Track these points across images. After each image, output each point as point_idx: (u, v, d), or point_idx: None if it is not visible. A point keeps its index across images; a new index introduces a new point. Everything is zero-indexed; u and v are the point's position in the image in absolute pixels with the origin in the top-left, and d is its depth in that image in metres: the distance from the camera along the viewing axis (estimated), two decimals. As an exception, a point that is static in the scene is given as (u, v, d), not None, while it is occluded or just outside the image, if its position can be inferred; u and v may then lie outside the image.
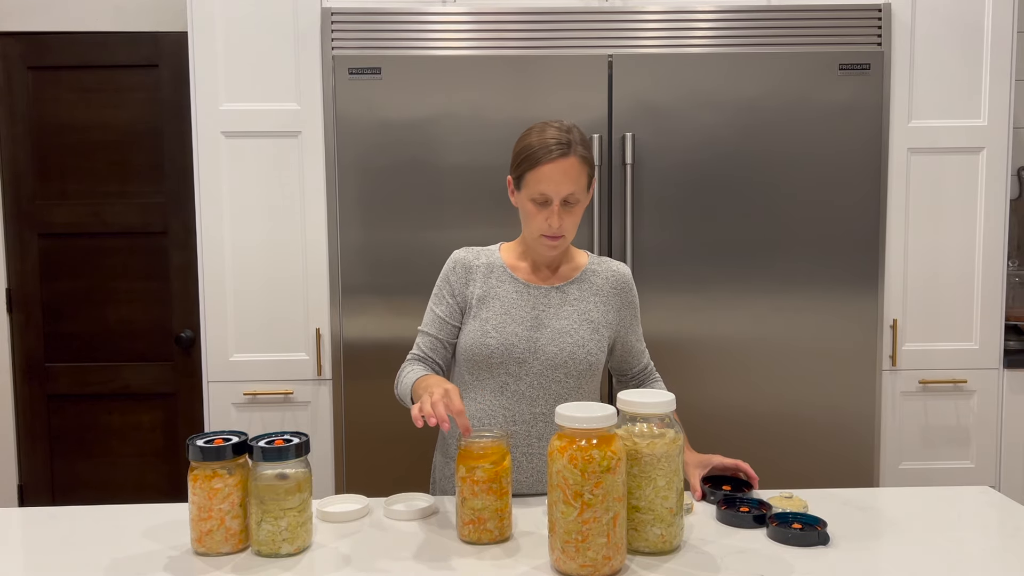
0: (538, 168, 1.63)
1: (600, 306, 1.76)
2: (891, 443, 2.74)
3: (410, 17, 2.57)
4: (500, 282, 1.75)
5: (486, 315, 1.72)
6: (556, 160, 1.62)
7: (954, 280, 2.72)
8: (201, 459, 1.39)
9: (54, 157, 3.08)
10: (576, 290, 1.76)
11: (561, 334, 1.71)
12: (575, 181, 1.64)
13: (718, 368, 2.61)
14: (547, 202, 1.65)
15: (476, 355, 1.71)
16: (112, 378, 3.14)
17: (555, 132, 1.65)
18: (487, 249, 1.81)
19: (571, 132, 1.66)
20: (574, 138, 1.65)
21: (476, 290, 1.75)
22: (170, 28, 3.05)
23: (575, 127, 1.69)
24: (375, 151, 2.54)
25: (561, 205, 1.64)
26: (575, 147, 1.64)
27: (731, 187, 2.57)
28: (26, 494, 3.17)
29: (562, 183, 1.63)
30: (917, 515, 1.56)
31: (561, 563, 1.32)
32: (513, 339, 1.70)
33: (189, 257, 3.08)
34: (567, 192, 1.63)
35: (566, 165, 1.62)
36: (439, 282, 1.80)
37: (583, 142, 1.67)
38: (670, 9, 2.59)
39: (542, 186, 1.63)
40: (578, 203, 1.67)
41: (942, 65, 2.67)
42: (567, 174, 1.63)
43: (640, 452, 1.38)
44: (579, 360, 1.71)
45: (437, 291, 1.79)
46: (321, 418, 2.71)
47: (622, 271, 1.81)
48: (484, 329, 1.71)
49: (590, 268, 1.79)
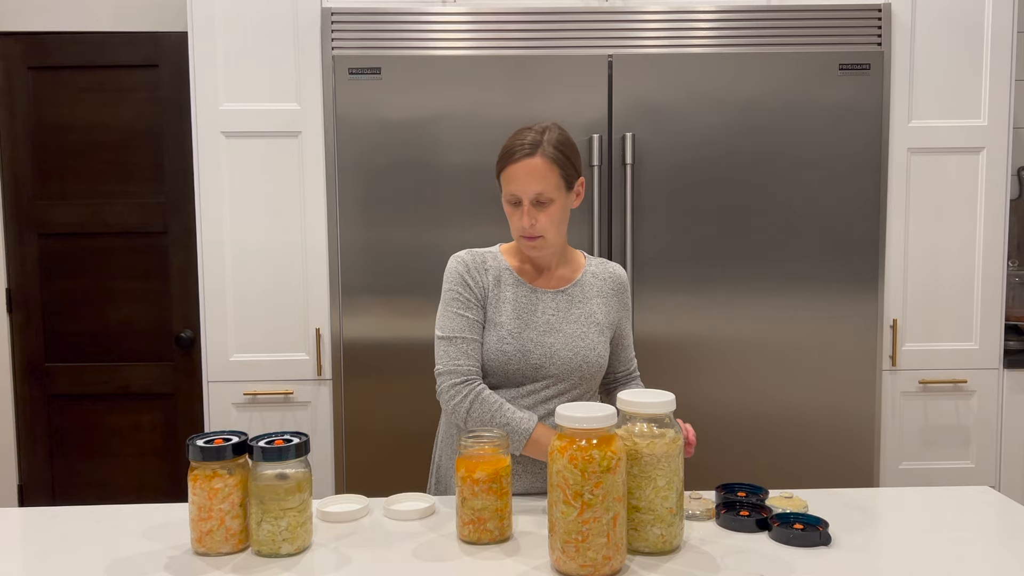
0: (507, 168, 1.67)
1: (603, 307, 1.79)
2: (891, 443, 2.74)
3: (410, 17, 2.57)
4: (509, 286, 1.75)
5: (500, 320, 1.72)
6: (521, 160, 1.65)
7: (954, 280, 2.72)
8: (201, 459, 1.39)
9: (54, 157, 3.08)
10: (580, 292, 1.78)
11: (573, 338, 1.73)
12: (541, 180, 1.64)
13: (718, 368, 2.61)
14: (519, 202, 1.67)
15: (493, 361, 1.71)
16: (112, 378, 3.14)
17: (527, 134, 1.67)
18: (489, 252, 1.80)
19: (545, 133, 1.67)
20: (546, 139, 1.66)
21: (490, 293, 1.74)
22: (170, 28, 3.05)
23: (555, 129, 1.69)
24: (375, 151, 2.54)
25: (533, 205, 1.66)
26: (543, 147, 1.65)
27: (731, 187, 2.57)
28: (26, 494, 3.17)
29: (528, 182, 1.64)
30: (917, 515, 1.56)
31: (561, 563, 1.32)
32: (529, 345, 1.71)
33: (189, 257, 3.08)
34: (534, 192, 1.64)
35: (531, 165, 1.64)
36: (454, 286, 1.72)
37: (559, 143, 1.67)
38: (670, 9, 2.59)
39: (511, 186, 1.67)
40: (551, 202, 1.67)
41: (942, 65, 2.67)
42: (532, 174, 1.64)
43: (640, 452, 1.38)
44: (591, 363, 1.73)
45: (456, 295, 1.72)
46: (321, 418, 2.71)
47: (619, 273, 1.84)
48: (500, 335, 1.71)
49: (590, 270, 1.81)
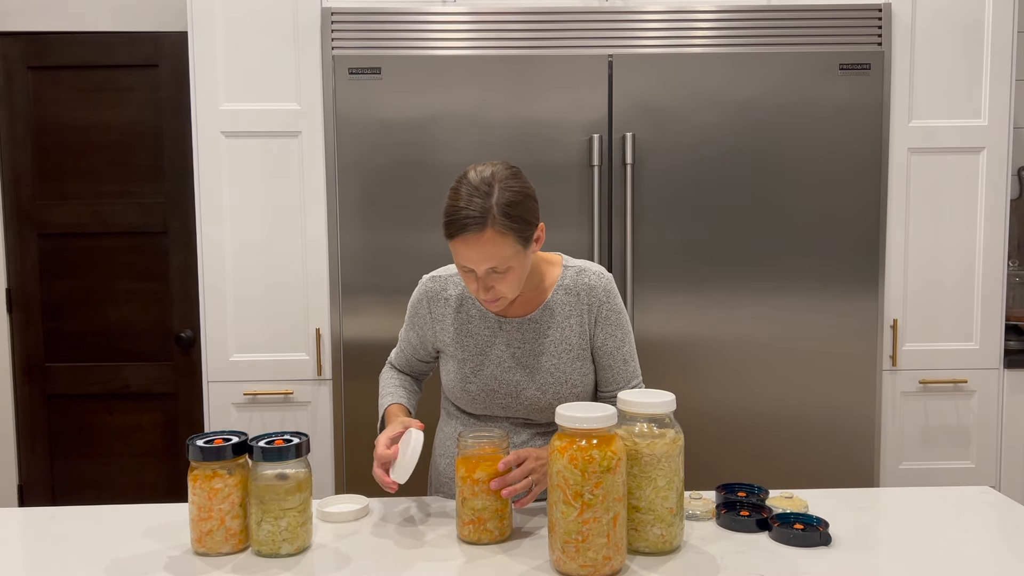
0: (453, 241, 1.47)
1: (577, 327, 1.62)
2: (891, 443, 2.74)
3: (410, 17, 2.56)
4: (471, 318, 1.64)
5: (463, 356, 1.64)
6: (468, 236, 1.44)
7: (954, 280, 2.72)
8: (201, 459, 1.39)
9: (54, 157, 3.08)
10: (549, 317, 1.62)
11: (543, 373, 1.60)
12: (494, 255, 1.45)
13: (718, 368, 2.61)
14: (472, 271, 1.50)
15: (460, 399, 1.67)
16: (112, 378, 3.14)
17: (472, 199, 1.43)
18: (454, 276, 1.67)
19: (493, 194, 1.44)
20: (495, 201, 1.43)
21: (448, 327, 1.65)
22: (170, 28, 3.05)
23: (502, 182, 1.45)
24: (375, 151, 2.54)
25: (487, 274, 1.49)
26: (492, 216, 1.43)
27: (731, 187, 2.57)
28: (26, 494, 3.17)
29: (479, 259, 1.46)
30: (917, 515, 1.56)
31: (561, 563, 1.32)
32: (493, 384, 1.62)
33: (189, 257, 3.08)
34: (487, 267, 1.47)
35: (479, 241, 1.44)
36: (410, 308, 1.70)
37: (509, 204, 1.44)
38: (670, 9, 2.59)
39: (460, 258, 1.49)
40: (509, 269, 1.49)
41: (942, 65, 2.67)
42: (479, 251, 1.45)
43: (640, 452, 1.38)
44: (564, 396, 1.61)
45: (409, 317, 1.72)
46: (321, 418, 2.71)
47: (596, 283, 1.63)
48: (463, 373, 1.63)
49: (562, 285, 1.63)
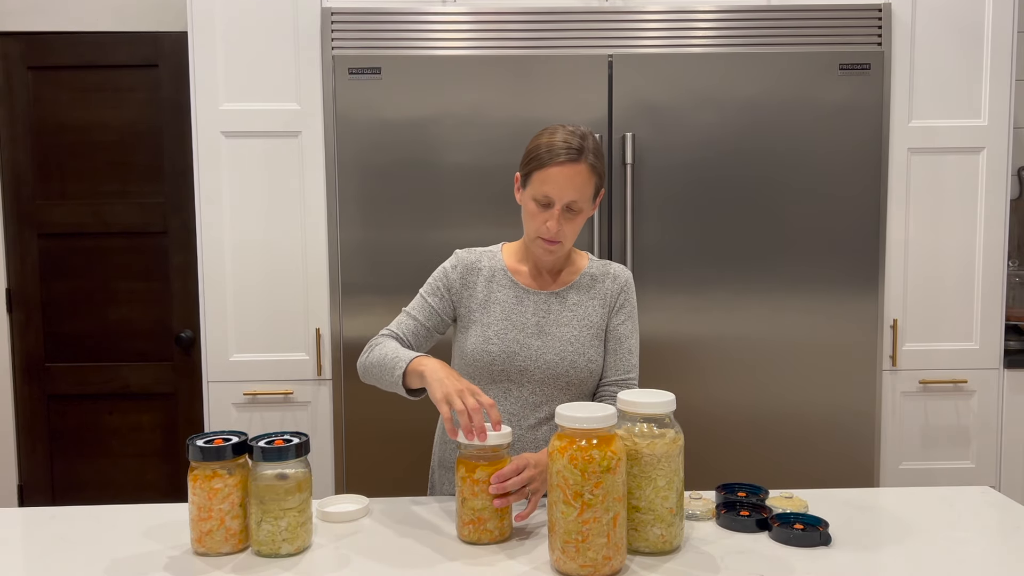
0: (545, 169, 1.60)
1: (599, 310, 1.74)
2: (891, 443, 2.74)
3: (410, 17, 2.56)
4: (501, 287, 1.74)
5: (488, 320, 1.71)
6: (564, 164, 1.59)
7: (954, 280, 2.72)
8: (201, 459, 1.39)
9: (54, 157, 3.08)
10: (575, 295, 1.73)
11: (562, 342, 1.69)
12: (580, 189, 1.61)
13: (718, 368, 2.61)
14: (549, 204, 1.62)
15: (478, 361, 1.70)
16: (112, 378, 3.14)
17: (569, 136, 1.61)
18: (489, 250, 1.80)
19: (585, 139, 1.63)
20: (587, 145, 1.62)
21: (478, 295, 1.74)
22: (170, 28, 3.05)
23: (591, 135, 1.65)
24: (375, 151, 2.54)
25: (563, 211, 1.62)
26: (587, 154, 1.61)
27: (731, 187, 2.57)
28: (26, 494, 3.17)
29: (566, 188, 1.60)
30: (917, 515, 1.56)
31: (561, 563, 1.31)
32: (515, 347, 1.69)
33: (189, 257, 3.08)
34: (570, 198, 1.61)
35: (573, 171, 1.60)
36: (437, 274, 1.78)
37: (596, 151, 1.64)
38: (670, 9, 2.59)
39: (546, 187, 1.61)
40: (581, 212, 1.64)
41: (942, 65, 2.67)
42: (572, 180, 1.60)
43: (640, 452, 1.38)
44: (580, 368, 1.69)
45: (433, 282, 1.77)
46: (321, 418, 2.71)
47: (620, 273, 1.78)
48: (486, 335, 1.70)
49: (589, 272, 1.76)
